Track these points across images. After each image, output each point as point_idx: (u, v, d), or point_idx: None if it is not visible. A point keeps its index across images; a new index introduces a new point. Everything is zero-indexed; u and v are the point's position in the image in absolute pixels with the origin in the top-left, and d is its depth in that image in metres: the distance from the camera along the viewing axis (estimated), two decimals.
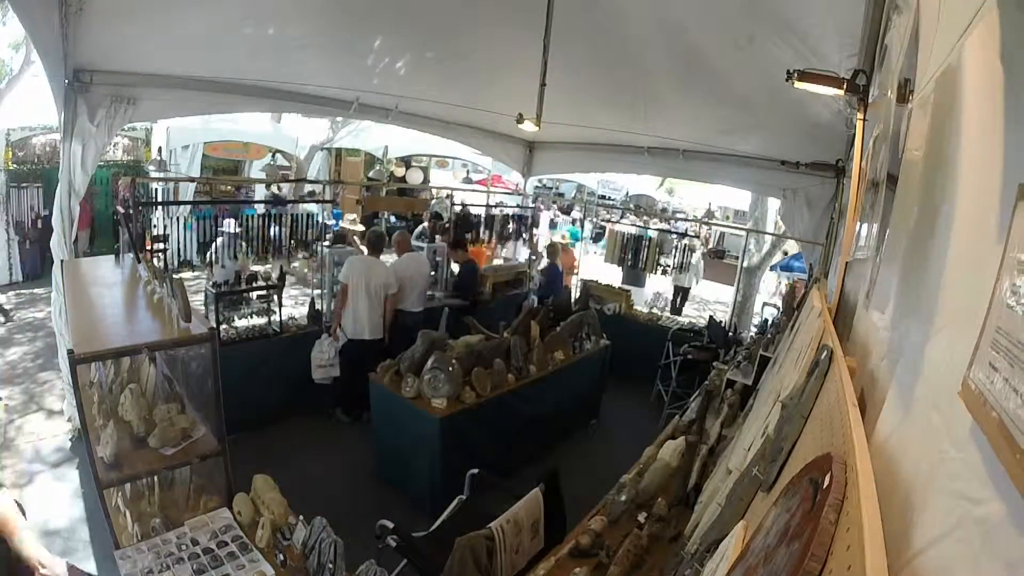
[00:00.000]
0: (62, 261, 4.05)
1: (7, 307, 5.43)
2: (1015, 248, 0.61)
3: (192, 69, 4.60)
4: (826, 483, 0.86)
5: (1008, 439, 0.54)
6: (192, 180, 9.83)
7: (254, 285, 5.12)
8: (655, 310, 8.22)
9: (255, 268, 5.93)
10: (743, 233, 8.19)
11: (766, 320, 6.67)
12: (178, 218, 5.37)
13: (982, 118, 0.87)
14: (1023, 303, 0.57)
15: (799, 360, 2.09)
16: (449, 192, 8.35)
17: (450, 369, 3.91)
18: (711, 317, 7.28)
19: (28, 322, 6.97)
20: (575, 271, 8.48)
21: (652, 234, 7.50)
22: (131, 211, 4.49)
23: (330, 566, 2.11)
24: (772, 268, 9.64)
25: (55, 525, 3.53)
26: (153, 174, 9.67)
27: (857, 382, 1.40)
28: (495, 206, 8.10)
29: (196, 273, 7.19)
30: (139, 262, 3.76)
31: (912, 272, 1.16)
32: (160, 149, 10.34)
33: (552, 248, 8.05)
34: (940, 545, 0.67)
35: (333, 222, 10.17)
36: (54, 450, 4.33)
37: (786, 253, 8.56)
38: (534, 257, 8.38)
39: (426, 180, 15.64)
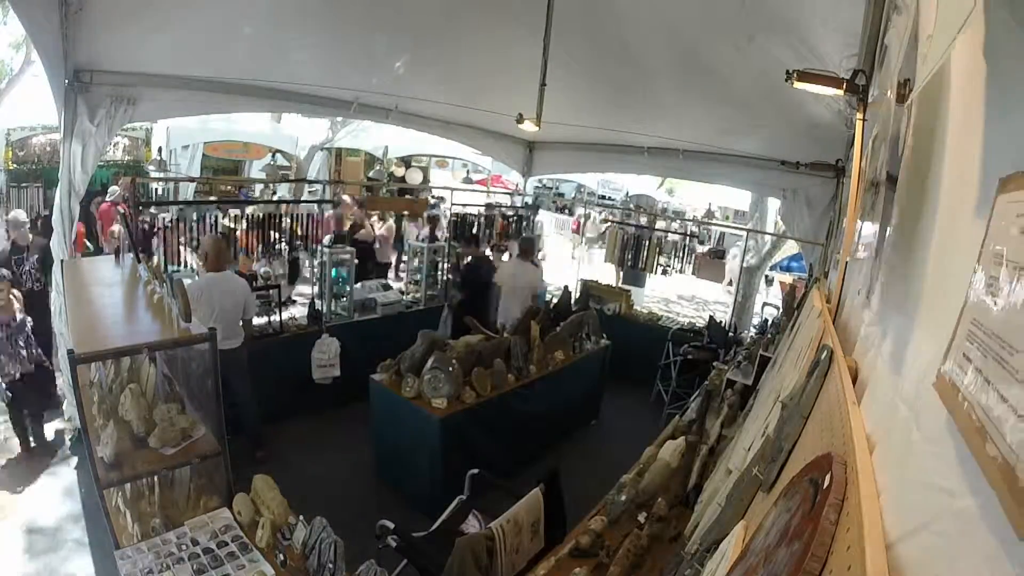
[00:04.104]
0: (62, 261, 4.06)
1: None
2: (993, 241, 0.61)
3: (192, 69, 4.60)
4: (826, 483, 0.86)
5: (979, 430, 0.54)
6: (192, 180, 9.83)
7: (255, 285, 5.12)
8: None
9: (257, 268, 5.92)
10: (743, 233, 8.19)
11: (766, 320, 6.67)
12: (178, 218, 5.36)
13: (964, 113, 0.88)
14: (999, 296, 0.57)
15: (799, 360, 2.09)
16: (441, 196, 8.34)
17: (450, 369, 3.91)
18: (711, 317, 7.27)
19: None
20: None
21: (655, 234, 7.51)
22: (131, 211, 4.49)
23: (330, 566, 2.11)
24: (772, 268, 9.64)
25: (55, 525, 3.53)
26: (153, 174, 9.67)
27: (860, 382, 1.40)
28: (495, 205, 8.11)
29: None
30: (139, 262, 3.76)
31: (896, 267, 1.16)
32: (160, 149, 10.34)
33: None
34: (917, 537, 0.67)
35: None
36: (53, 450, 4.33)
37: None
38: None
39: (426, 180, 15.63)
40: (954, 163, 0.90)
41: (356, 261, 5.83)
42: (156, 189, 8.83)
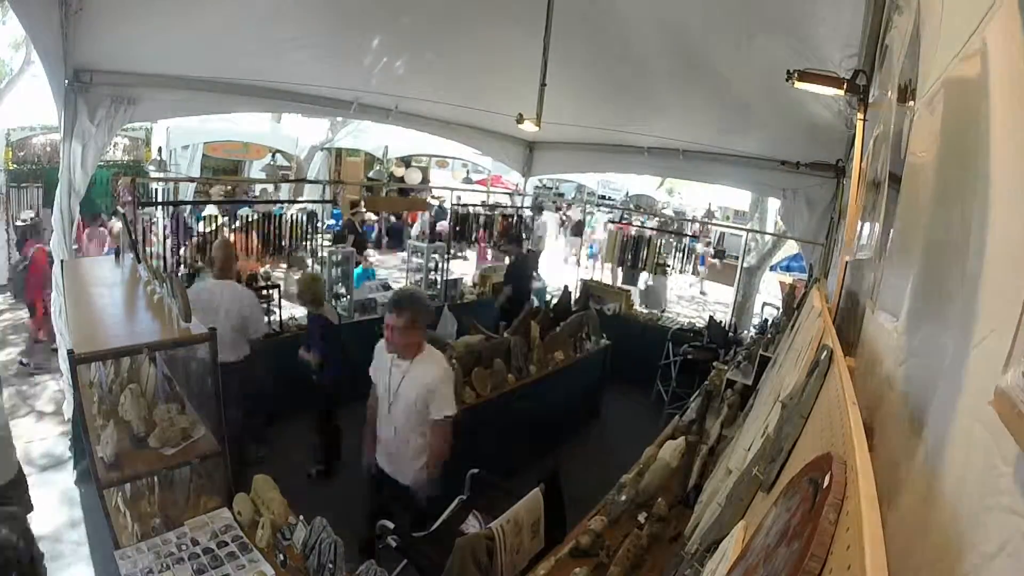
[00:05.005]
0: (62, 261, 4.05)
1: None
2: None
3: (192, 69, 4.60)
4: (826, 483, 0.86)
5: None
6: (192, 180, 9.83)
7: (255, 285, 5.12)
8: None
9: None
10: (743, 233, 8.19)
11: (766, 320, 6.67)
12: (177, 218, 5.36)
13: (1011, 119, 0.85)
14: None
15: (799, 360, 2.09)
16: (442, 196, 8.36)
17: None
18: (711, 317, 7.28)
19: (23, 323, 6.95)
20: None
21: (654, 234, 7.51)
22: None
23: (330, 566, 2.11)
24: (772, 268, 9.65)
25: (55, 525, 3.53)
26: (153, 174, 9.67)
27: (866, 385, 1.39)
28: (492, 206, 8.12)
29: None
30: (139, 262, 3.76)
31: (937, 276, 1.12)
32: (160, 149, 10.35)
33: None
34: (994, 562, 0.65)
35: (332, 221, 10.17)
36: (52, 450, 4.33)
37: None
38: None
39: (425, 180, 15.65)
40: (1005, 171, 0.87)
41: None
42: (156, 189, 8.83)
